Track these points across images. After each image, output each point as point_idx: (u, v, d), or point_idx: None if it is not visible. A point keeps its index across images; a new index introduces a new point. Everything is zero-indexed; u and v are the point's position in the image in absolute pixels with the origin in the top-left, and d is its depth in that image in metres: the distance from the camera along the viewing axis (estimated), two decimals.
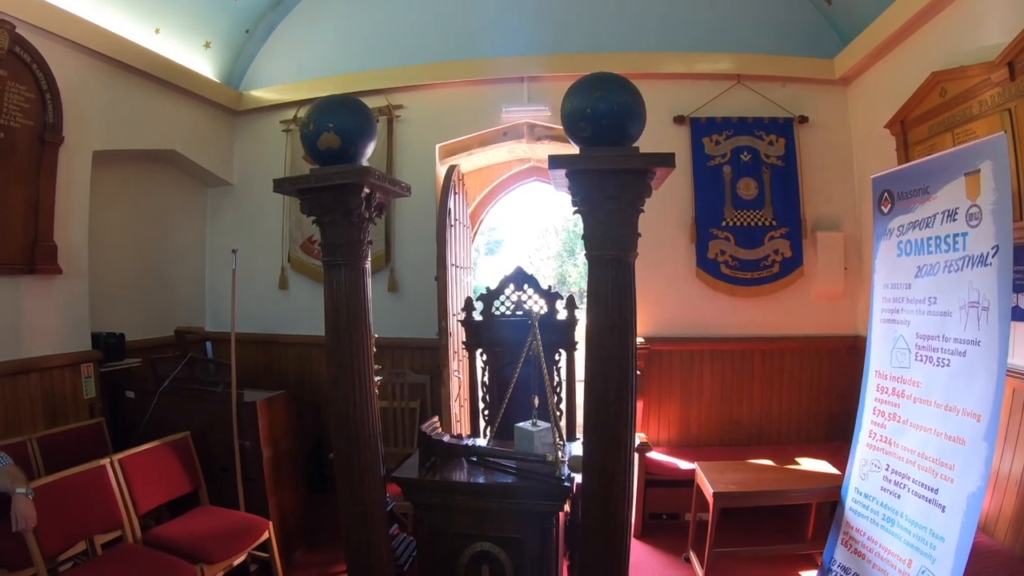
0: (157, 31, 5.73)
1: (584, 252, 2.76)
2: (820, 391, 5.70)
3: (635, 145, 2.67)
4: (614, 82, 2.64)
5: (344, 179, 2.91)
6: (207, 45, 6.27)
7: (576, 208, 2.73)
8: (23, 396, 4.56)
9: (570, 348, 4.06)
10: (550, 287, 4.27)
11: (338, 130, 2.91)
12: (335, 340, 3.03)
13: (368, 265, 3.14)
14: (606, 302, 2.66)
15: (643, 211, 2.70)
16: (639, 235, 2.72)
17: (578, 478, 3.02)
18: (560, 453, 3.12)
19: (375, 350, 3.22)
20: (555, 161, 2.64)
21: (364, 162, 3.07)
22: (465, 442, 3.37)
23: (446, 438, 3.35)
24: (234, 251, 4.68)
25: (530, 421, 3.44)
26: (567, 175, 2.67)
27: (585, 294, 2.75)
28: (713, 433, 5.71)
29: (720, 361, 5.69)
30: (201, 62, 6.31)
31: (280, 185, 3.09)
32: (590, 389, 2.75)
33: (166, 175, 6.49)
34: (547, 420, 3.45)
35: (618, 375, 2.68)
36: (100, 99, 5.24)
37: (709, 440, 5.69)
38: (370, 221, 3.11)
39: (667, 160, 2.54)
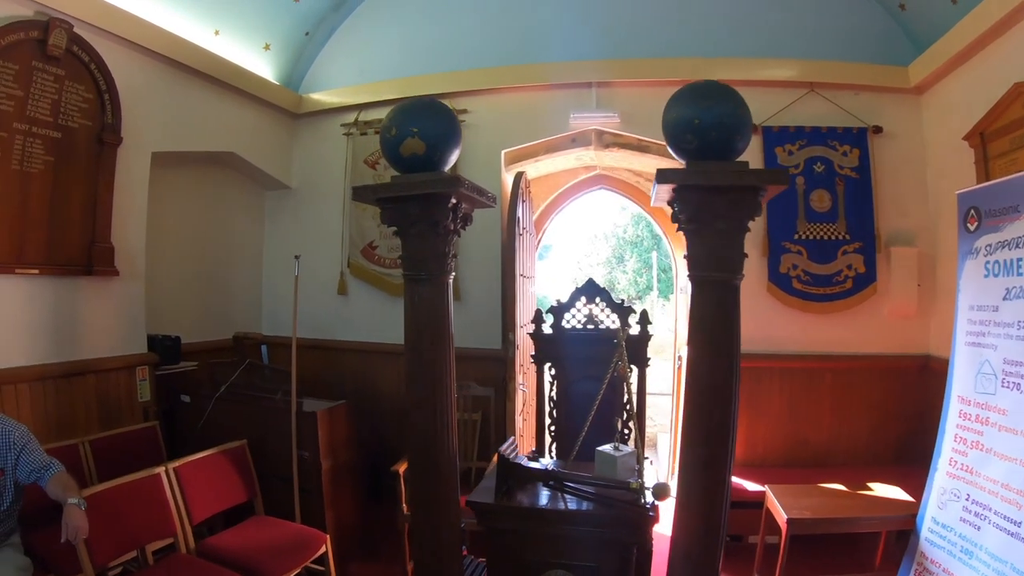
0: (216, 32, 5.66)
1: (688, 273, 2.58)
2: (889, 412, 5.44)
3: (744, 160, 2.49)
4: (722, 92, 2.45)
5: (433, 188, 2.72)
6: (267, 47, 6.19)
7: (680, 226, 2.56)
8: (78, 398, 4.51)
9: (642, 364, 3.89)
10: (623, 300, 4.11)
11: (423, 135, 2.72)
12: (417, 362, 2.83)
13: (451, 280, 2.97)
14: (711, 327, 2.48)
15: (748, 230, 2.52)
16: (745, 256, 2.54)
17: (661, 505, 2.87)
18: (642, 479, 2.96)
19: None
20: (664, 176, 2.44)
21: (447, 170, 2.89)
22: (544, 466, 3.20)
23: (523, 461, 3.19)
24: (297, 257, 4.58)
25: (611, 444, 3.26)
26: (674, 190, 2.50)
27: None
28: (779, 453, 5.48)
29: (789, 379, 5.46)
30: (260, 64, 6.23)
31: (360, 193, 2.89)
32: (689, 422, 2.58)
33: (224, 177, 6.43)
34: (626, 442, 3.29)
35: (720, 409, 2.50)
36: (159, 100, 5.16)
37: (775, 460, 5.47)
38: (455, 233, 2.94)
39: (780, 178, 2.37)
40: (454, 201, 2.80)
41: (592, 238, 22.40)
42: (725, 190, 2.40)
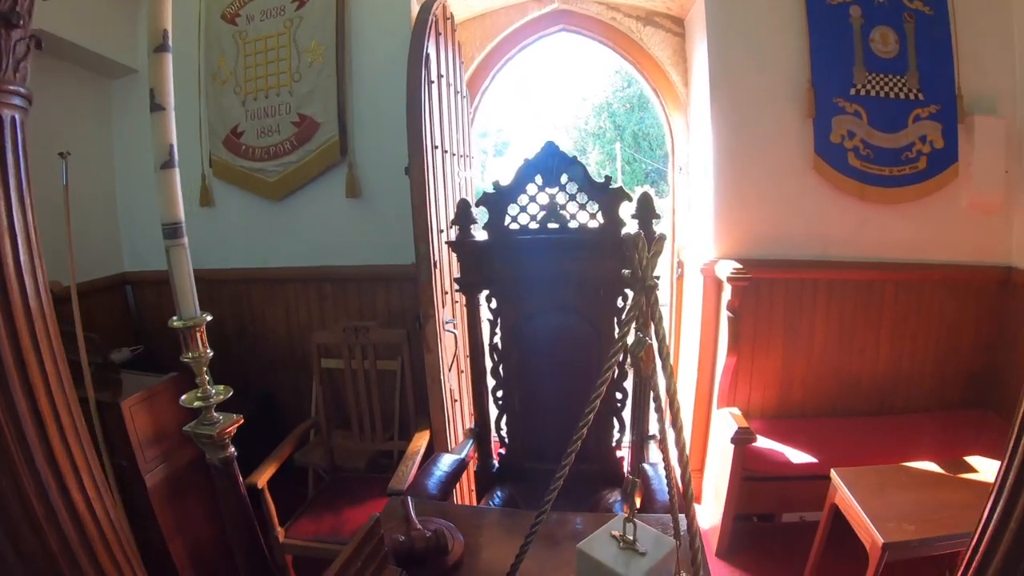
0: None
1: None
2: (961, 340, 3.51)
3: None
4: None
5: None
6: None
7: None
8: None
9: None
10: (608, 178, 2.16)
11: None
12: None
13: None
14: None
15: None
16: None
17: None
18: None
19: None
20: None
21: None
22: None
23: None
24: (62, 155, 2.63)
25: (613, 530, 1.17)
26: None
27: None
28: (823, 398, 3.54)
29: (839, 295, 3.44)
30: None
31: None
32: None
33: (48, 72, 3.93)
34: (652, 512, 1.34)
35: None
36: None
37: (817, 407, 3.54)
38: None
39: None
40: None
41: (552, 131, 20.75)
42: None
